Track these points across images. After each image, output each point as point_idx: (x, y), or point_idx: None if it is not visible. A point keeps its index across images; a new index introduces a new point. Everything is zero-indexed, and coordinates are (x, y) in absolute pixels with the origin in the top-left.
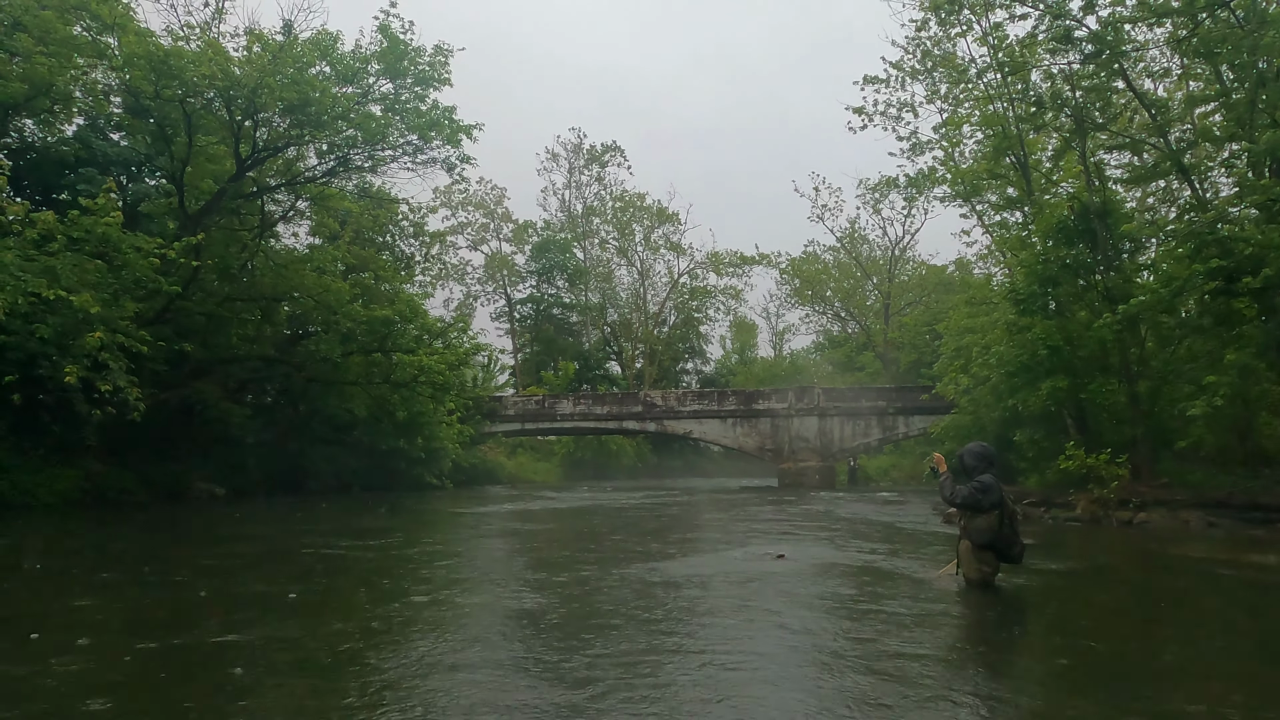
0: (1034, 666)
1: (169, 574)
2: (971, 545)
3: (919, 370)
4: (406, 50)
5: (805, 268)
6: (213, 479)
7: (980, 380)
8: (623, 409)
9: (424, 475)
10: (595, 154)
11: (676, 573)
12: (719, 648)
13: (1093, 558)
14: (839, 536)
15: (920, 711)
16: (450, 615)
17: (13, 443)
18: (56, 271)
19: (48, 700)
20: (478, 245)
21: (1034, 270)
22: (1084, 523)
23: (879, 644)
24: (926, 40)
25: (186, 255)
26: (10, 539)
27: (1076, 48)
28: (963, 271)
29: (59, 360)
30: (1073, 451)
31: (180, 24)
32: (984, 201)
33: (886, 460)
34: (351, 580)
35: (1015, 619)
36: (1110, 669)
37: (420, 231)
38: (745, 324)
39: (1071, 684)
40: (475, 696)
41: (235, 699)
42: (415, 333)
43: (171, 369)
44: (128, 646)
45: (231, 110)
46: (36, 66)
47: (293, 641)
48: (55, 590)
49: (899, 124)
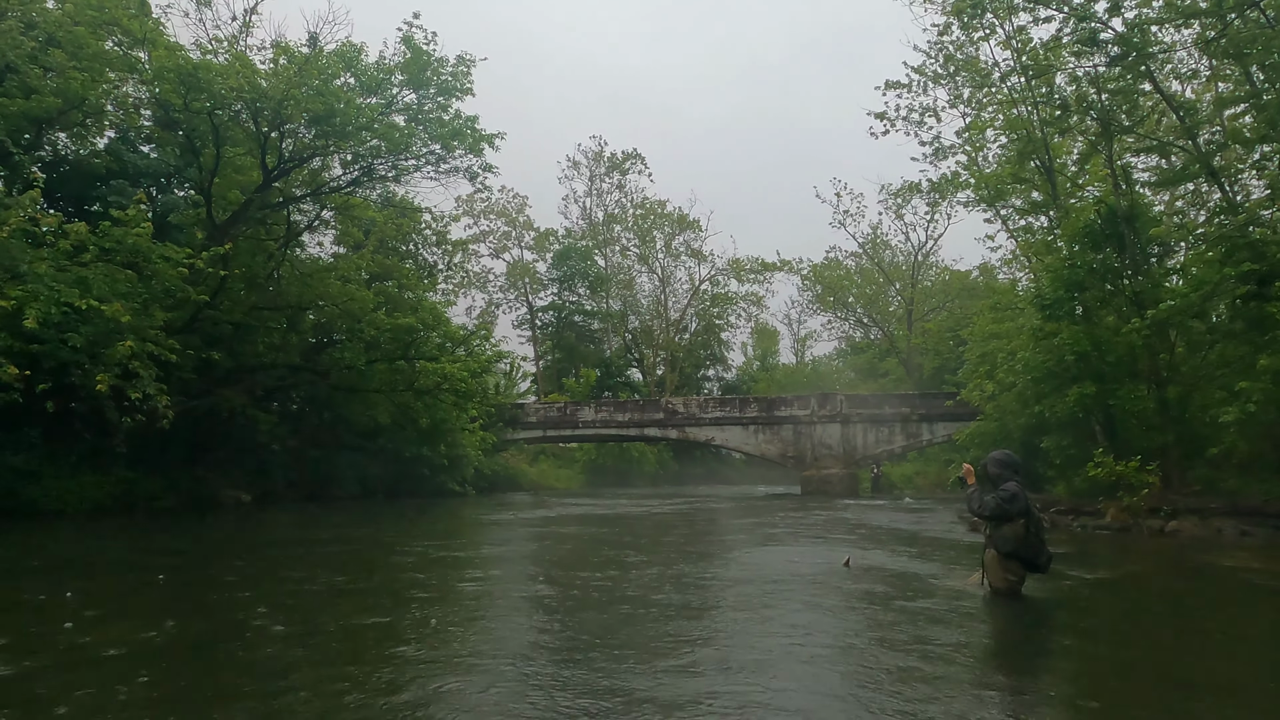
0: (1066, 682)
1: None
2: (997, 554)
3: (943, 376)
4: (429, 61)
5: (827, 274)
6: (240, 485)
7: (1006, 386)
8: (644, 416)
9: (447, 482)
10: (616, 162)
11: (730, 575)
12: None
13: (1123, 566)
14: (866, 543)
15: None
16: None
17: (46, 450)
18: (88, 282)
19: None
20: (499, 253)
21: (1060, 275)
22: (1114, 531)
23: (898, 658)
24: (949, 44)
25: (214, 265)
26: (74, 544)
27: (1102, 50)
28: (987, 277)
29: (91, 369)
30: (1101, 459)
31: (209, 38)
32: (1008, 206)
33: (911, 467)
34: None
35: (1043, 629)
36: (1144, 681)
37: (443, 240)
38: (767, 330)
39: (1108, 698)
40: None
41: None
42: (438, 340)
43: (199, 377)
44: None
45: (258, 122)
46: (70, 81)
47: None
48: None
49: (921, 129)
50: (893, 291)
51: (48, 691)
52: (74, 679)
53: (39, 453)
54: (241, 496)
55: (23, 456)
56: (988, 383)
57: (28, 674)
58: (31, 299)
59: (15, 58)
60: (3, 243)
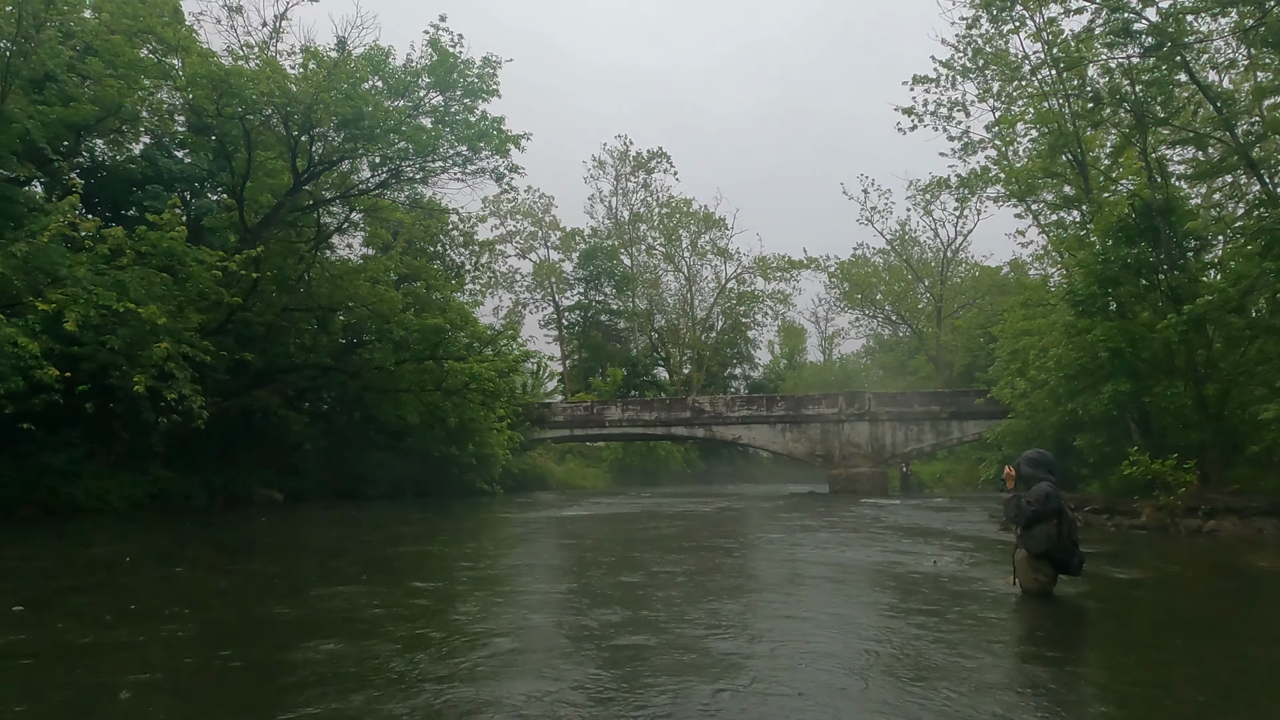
0: (1101, 689)
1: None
2: (1028, 554)
3: (973, 374)
4: (456, 63)
5: (854, 271)
6: (272, 484)
7: (1038, 384)
8: (671, 415)
9: (475, 481)
10: (641, 161)
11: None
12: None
13: (1161, 567)
14: (898, 542)
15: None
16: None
17: (85, 450)
18: (125, 285)
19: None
20: (526, 253)
21: (1093, 270)
22: (1150, 531)
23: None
24: (978, 38)
25: (247, 267)
26: (132, 543)
27: (1136, 41)
28: (1018, 273)
29: (128, 370)
30: (1137, 457)
31: (240, 44)
32: (1039, 201)
33: (941, 465)
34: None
35: (1076, 631)
36: (1182, 686)
37: (470, 240)
38: (794, 329)
39: (1142, 703)
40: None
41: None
42: (466, 340)
43: (232, 378)
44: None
45: (289, 126)
46: (106, 89)
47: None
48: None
49: (950, 123)
50: (921, 288)
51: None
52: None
53: (79, 452)
54: (274, 495)
55: (63, 456)
56: (1019, 380)
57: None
58: (71, 302)
59: (54, 66)
60: (43, 248)
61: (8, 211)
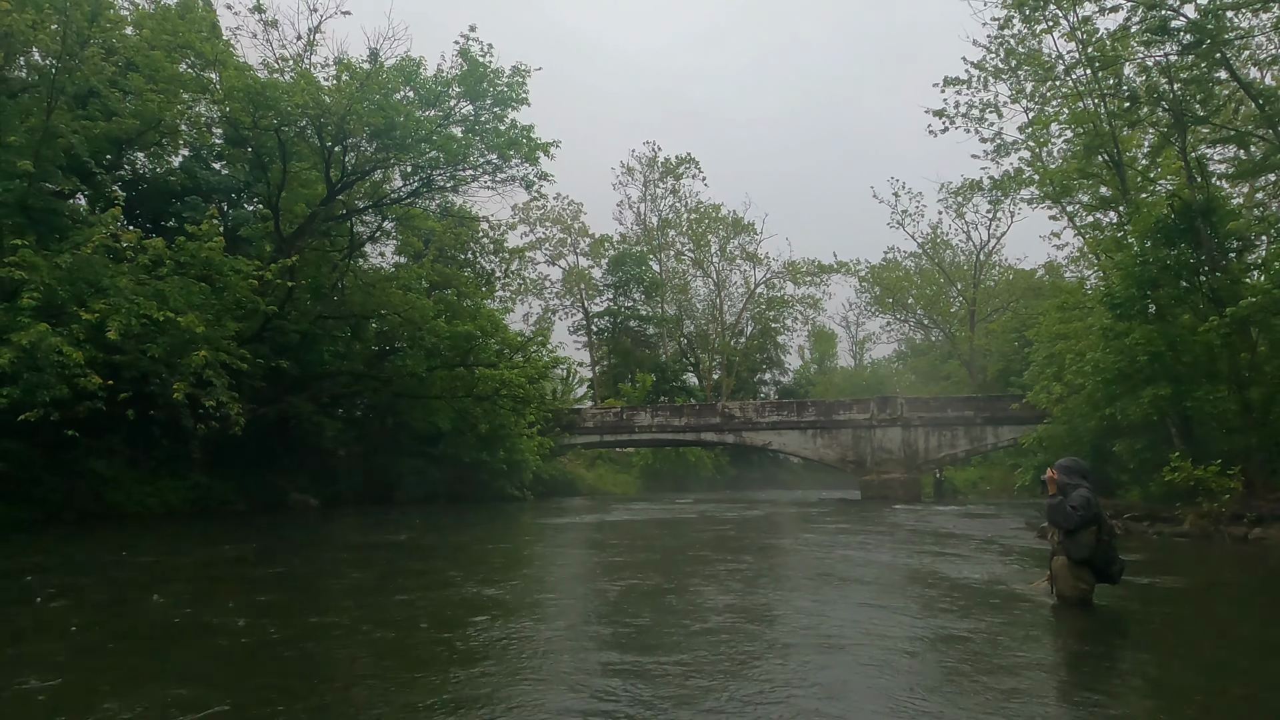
0: (1145, 698)
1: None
2: (1068, 561)
3: (1007, 379)
4: (485, 72)
5: (885, 275)
6: (307, 490)
7: (1074, 389)
8: (700, 421)
9: (506, 487)
10: (670, 167)
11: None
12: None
13: (1205, 575)
14: (932, 548)
15: None
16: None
17: (127, 456)
18: (165, 294)
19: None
20: (555, 260)
21: (1131, 272)
22: (1193, 538)
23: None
24: (1010, 38)
25: (282, 276)
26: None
27: (1174, 38)
28: (1053, 276)
29: (168, 378)
30: (1179, 463)
31: (275, 57)
32: (1075, 202)
33: (975, 472)
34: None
35: (1120, 641)
36: (1229, 702)
37: (500, 248)
38: (824, 333)
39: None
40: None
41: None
42: (496, 347)
43: (268, 385)
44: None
45: (322, 137)
46: (147, 103)
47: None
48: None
49: (982, 125)
50: (954, 292)
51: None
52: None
53: (121, 459)
54: (309, 500)
55: (106, 462)
56: (1055, 385)
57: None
58: (113, 312)
59: (98, 83)
60: (87, 259)
61: (53, 224)
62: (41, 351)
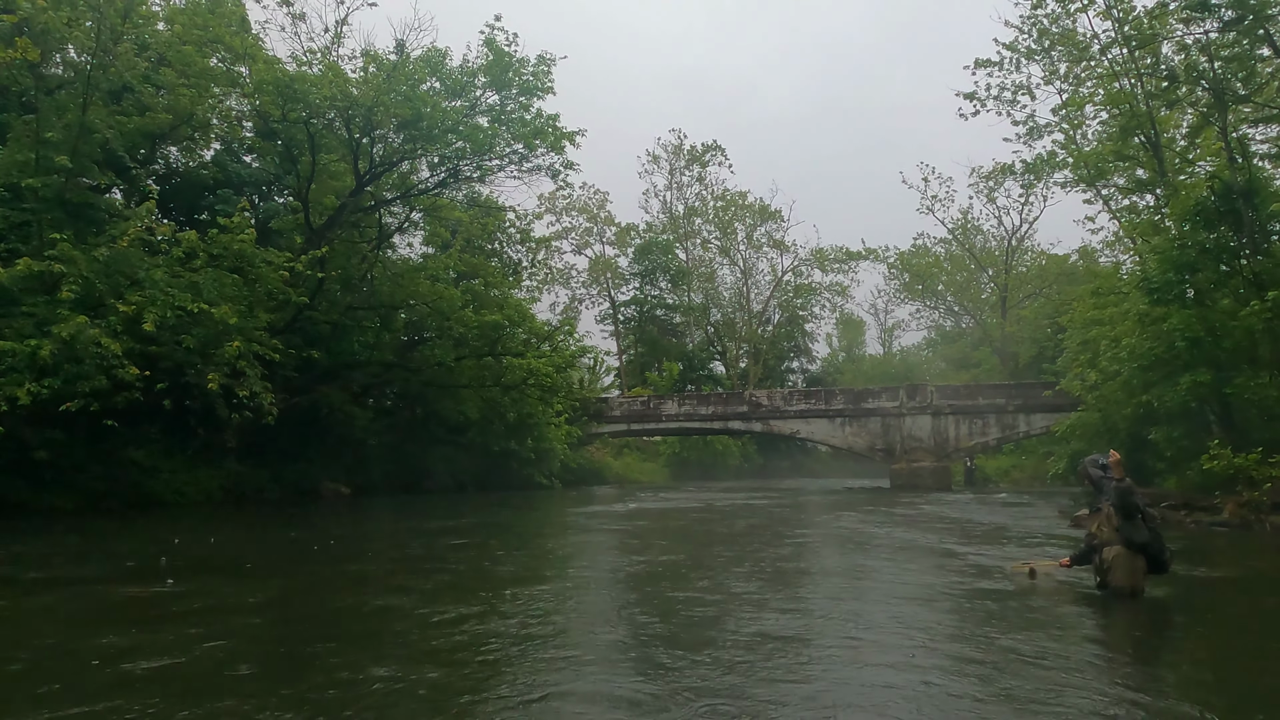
0: (1195, 687)
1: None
2: (1125, 548)
3: (1040, 366)
4: (511, 62)
5: (915, 261)
6: (339, 478)
7: (1109, 375)
8: (728, 409)
9: (534, 475)
10: (696, 154)
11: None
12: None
13: (1248, 565)
14: (967, 539)
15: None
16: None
17: (164, 445)
18: (199, 286)
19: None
20: (582, 249)
21: (1169, 256)
22: (1232, 528)
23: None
24: (1043, 18)
25: (312, 268)
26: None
27: (1214, 15)
28: (1087, 260)
29: (202, 368)
30: (1218, 451)
31: (303, 50)
32: (1110, 185)
33: (1006, 460)
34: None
35: (1168, 631)
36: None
37: (526, 238)
38: (852, 321)
39: (1236, 706)
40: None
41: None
42: (523, 336)
43: (300, 375)
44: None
45: (350, 129)
46: (179, 98)
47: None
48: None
49: (1014, 107)
50: (985, 278)
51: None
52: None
53: (158, 448)
54: (341, 489)
55: (143, 452)
56: (1089, 372)
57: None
58: (149, 304)
59: (131, 78)
60: (123, 252)
61: (90, 218)
62: (81, 343)
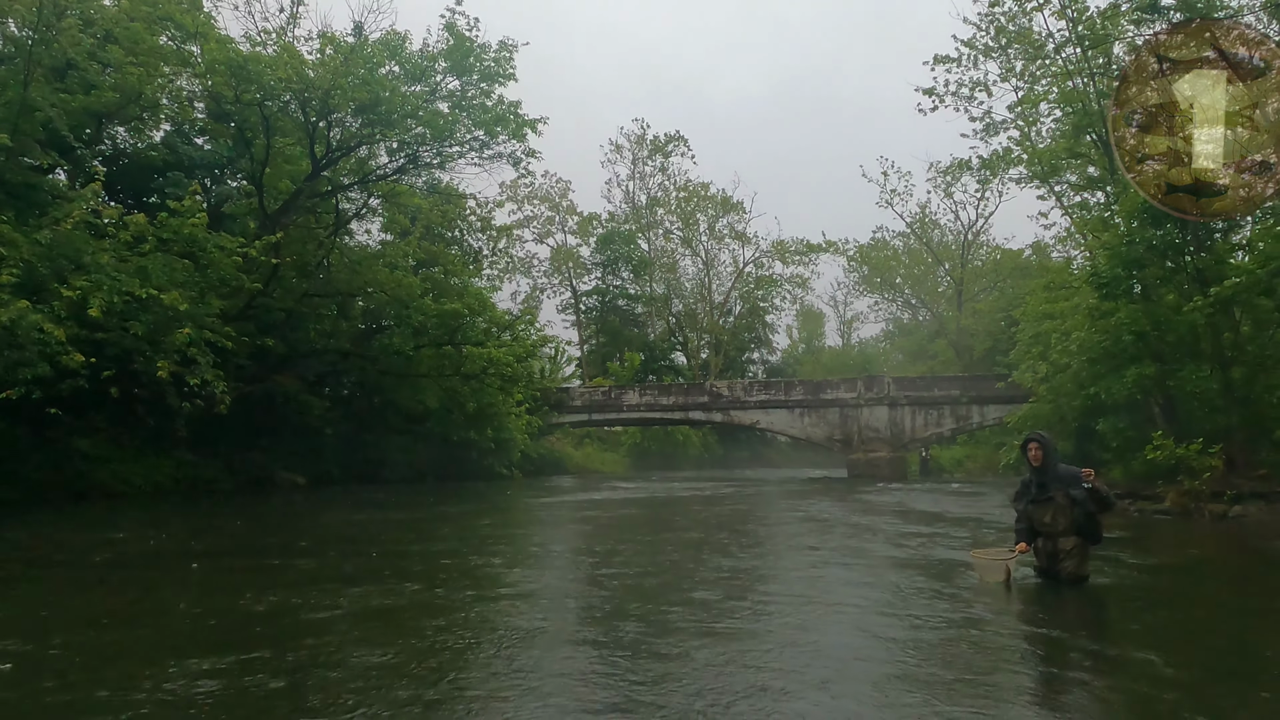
0: (1138, 671)
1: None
2: (1081, 541)
3: (994, 358)
4: (472, 47)
5: (874, 254)
6: (294, 468)
7: (1060, 368)
8: (689, 400)
9: (494, 465)
10: (658, 144)
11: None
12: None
13: (1186, 552)
14: (919, 528)
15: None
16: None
17: (111, 434)
18: (148, 271)
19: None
20: (543, 238)
21: (1118, 252)
22: (1173, 516)
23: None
24: (1000, 16)
25: (267, 254)
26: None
27: (1164, 17)
28: (1040, 255)
29: (151, 356)
30: (1161, 441)
31: (258, 30)
32: (1063, 182)
33: (960, 451)
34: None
35: (1103, 617)
36: (1214, 670)
37: (487, 226)
38: (812, 313)
39: (1181, 687)
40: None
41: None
42: (484, 326)
43: (254, 363)
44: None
45: (306, 112)
46: (127, 76)
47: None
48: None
49: (971, 104)
50: (942, 272)
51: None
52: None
53: (105, 437)
54: (296, 479)
55: (90, 441)
56: (1041, 364)
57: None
58: (95, 289)
59: (76, 54)
60: (67, 235)
61: (32, 199)
62: (22, 329)
